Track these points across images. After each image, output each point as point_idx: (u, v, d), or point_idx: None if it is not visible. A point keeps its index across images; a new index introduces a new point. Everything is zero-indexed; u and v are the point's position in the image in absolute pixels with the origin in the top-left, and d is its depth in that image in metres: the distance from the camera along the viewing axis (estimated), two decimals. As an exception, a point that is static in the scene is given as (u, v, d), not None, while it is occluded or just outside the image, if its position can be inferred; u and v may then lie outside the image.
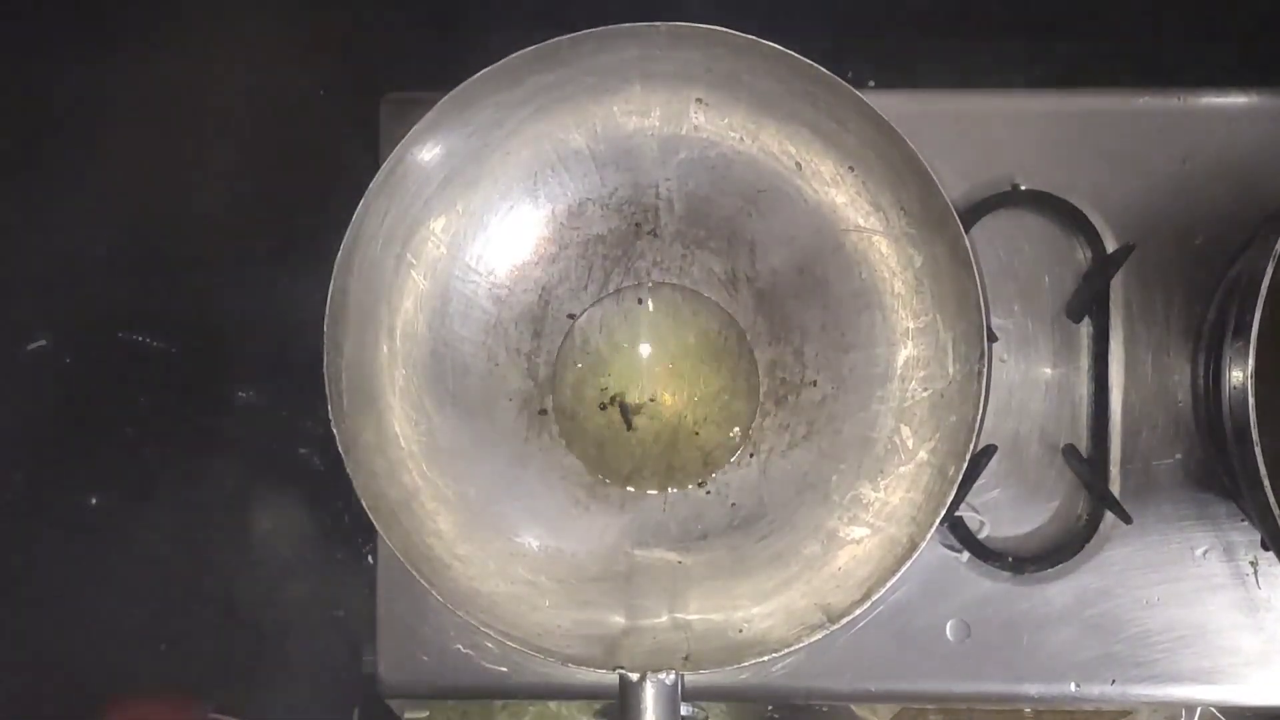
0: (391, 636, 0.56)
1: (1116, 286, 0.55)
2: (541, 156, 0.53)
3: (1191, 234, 0.55)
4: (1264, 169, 0.55)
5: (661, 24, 0.47)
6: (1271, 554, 0.51)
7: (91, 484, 0.62)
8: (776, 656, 0.49)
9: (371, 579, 0.56)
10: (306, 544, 0.62)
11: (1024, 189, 0.55)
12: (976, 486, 0.54)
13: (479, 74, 0.48)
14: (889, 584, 0.48)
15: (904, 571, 0.48)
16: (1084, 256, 0.55)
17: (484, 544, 0.52)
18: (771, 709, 0.60)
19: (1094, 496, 0.54)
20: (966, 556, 0.55)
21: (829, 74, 0.47)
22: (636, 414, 0.55)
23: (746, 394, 0.55)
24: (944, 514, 0.48)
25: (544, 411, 0.55)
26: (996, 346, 0.55)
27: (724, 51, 0.49)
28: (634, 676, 0.48)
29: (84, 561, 0.61)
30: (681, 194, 0.54)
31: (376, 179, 0.48)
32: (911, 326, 0.52)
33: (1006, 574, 0.54)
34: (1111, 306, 0.55)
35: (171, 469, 0.61)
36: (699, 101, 0.52)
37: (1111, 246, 0.55)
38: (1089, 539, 0.54)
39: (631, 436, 0.55)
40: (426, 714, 0.60)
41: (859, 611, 0.48)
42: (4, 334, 0.61)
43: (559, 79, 0.50)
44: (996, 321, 0.55)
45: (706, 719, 0.58)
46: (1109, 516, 0.54)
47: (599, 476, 0.55)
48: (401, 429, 0.52)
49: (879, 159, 0.50)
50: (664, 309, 0.55)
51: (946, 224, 0.48)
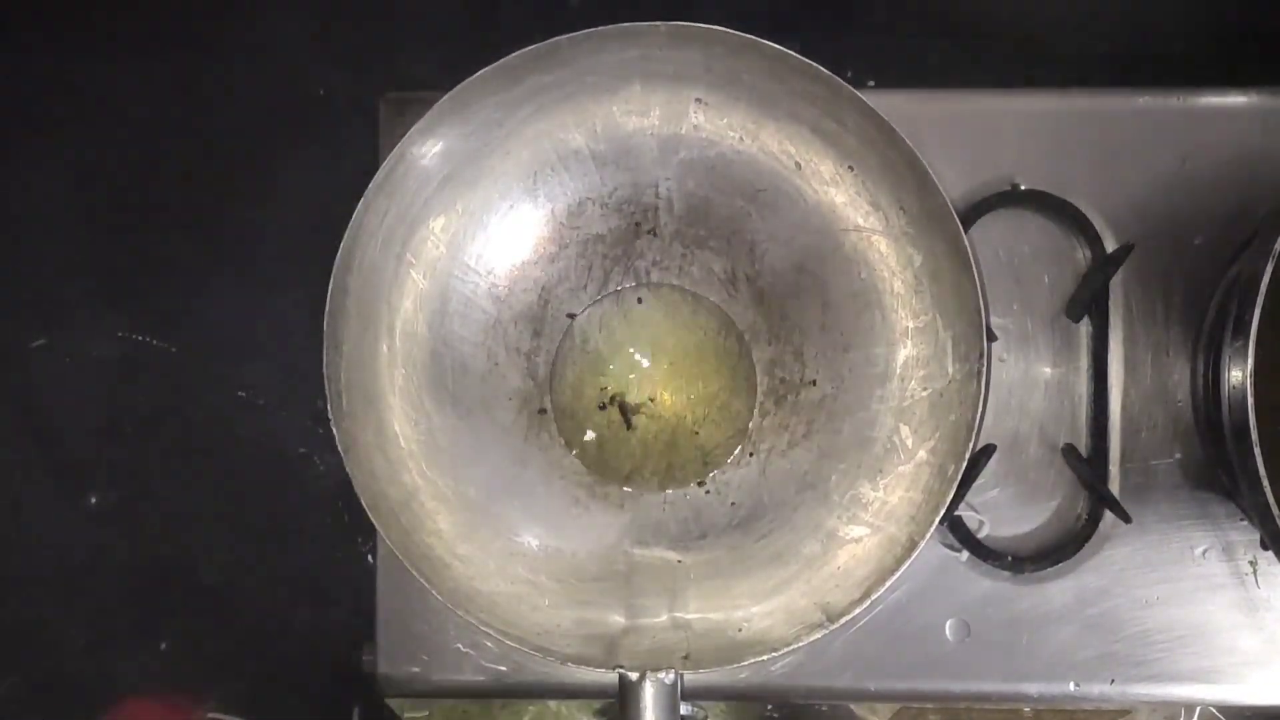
0: (391, 635, 0.56)
1: (1116, 286, 0.55)
2: (541, 156, 0.53)
3: (1191, 234, 0.55)
4: (1263, 169, 0.55)
5: (661, 24, 0.47)
6: (1271, 554, 0.51)
7: (91, 484, 0.62)
8: (776, 656, 0.49)
9: (371, 578, 0.56)
10: (306, 544, 0.62)
11: (1023, 189, 0.55)
12: (976, 486, 0.54)
13: (479, 74, 0.48)
14: (888, 583, 0.48)
15: (903, 571, 0.48)
16: (1084, 256, 0.55)
17: (484, 543, 0.52)
18: (771, 708, 0.60)
19: (1093, 496, 0.54)
20: (966, 556, 0.55)
21: (829, 74, 0.47)
22: (636, 413, 0.55)
23: (746, 393, 0.55)
24: (943, 513, 0.48)
25: (544, 411, 0.55)
26: (996, 346, 0.55)
27: (724, 51, 0.49)
28: (633, 676, 0.48)
29: (84, 561, 0.61)
30: (681, 193, 0.54)
31: (376, 178, 0.48)
32: (911, 326, 0.52)
33: (1006, 573, 0.54)
34: (1111, 306, 0.55)
35: (172, 468, 0.61)
36: (699, 101, 0.52)
37: (1111, 246, 0.55)
38: (1088, 538, 0.54)
39: (631, 436, 0.55)
40: (426, 713, 0.60)
41: (858, 611, 0.48)
42: (4, 334, 0.61)
43: (559, 79, 0.50)
44: (996, 321, 0.55)
45: (706, 718, 0.58)
46: (1108, 516, 0.54)
47: (598, 476, 0.55)
48: (401, 428, 0.52)
49: (879, 159, 0.50)
50: (664, 308, 0.55)
51: (946, 223, 0.48)
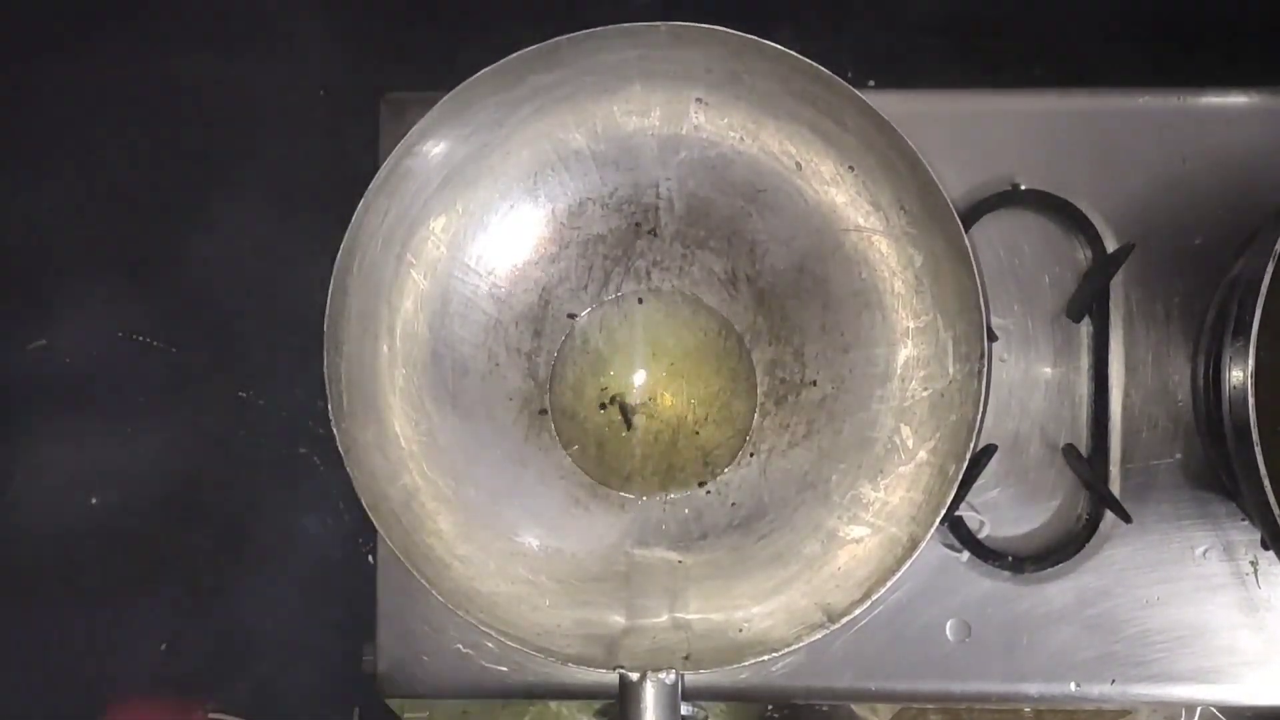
0: (392, 636, 0.56)
1: (1116, 286, 0.55)
2: (541, 156, 0.53)
3: (1191, 233, 0.55)
4: (1264, 168, 0.55)
5: (661, 24, 0.47)
6: (1271, 554, 0.51)
7: (91, 484, 0.62)
8: (776, 656, 0.49)
9: (371, 579, 0.56)
10: (306, 544, 0.62)
11: (1024, 188, 0.55)
12: (976, 486, 0.54)
13: (479, 74, 0.48)
14: (889, 583, 0.48)
15: (904, 571, 0.48)
16: (1084, 256, 0.55)
17: (484, 544, 0.52)
18: (771, 708, 0.60)
19: (1094, 496, 0.54)
20: (966, 556, 0.55)
21: (829, 74, 0.47)
22: (636, 414, 0.55)
23: (746, 394, 0.55)
24: (944, 513, 0.48)
25: (544, 411, 0.55)
26: (996, 346, 0.55)
27: (724, 51, 0.49)
28: (634, 676, 0.48)
29: (84, 561, 0.61)
30: (681, 194, 0.54)
31: (376, 179, 0.48)
32: (911, 326, 0.52)
33: (1006, 573, 0.54)
34: (1111, 306, 0.55)
35: (172, 468, 0.61)
36: (699, 101, 0.52)
37: (1112, 246, 0.55)
38: (1089, 538, 0.54)
39: (631, 436, 0.55)
40: (426, 713, 0.60)
41: (859, 611, 0.48)
42: (4, 334, 0.61)
43: (559, 79, 0.50)
44: (996, 321, 0.55)
45: (707, 718, 0.58)
46: (1109, 516, 0.54)
47: (599, 476, 0.55)
48: (401, 429, 0.52)
49: (879, 159, 0.50)
50: (664, 309, 0.55)
51: (947, 223, 0.48)
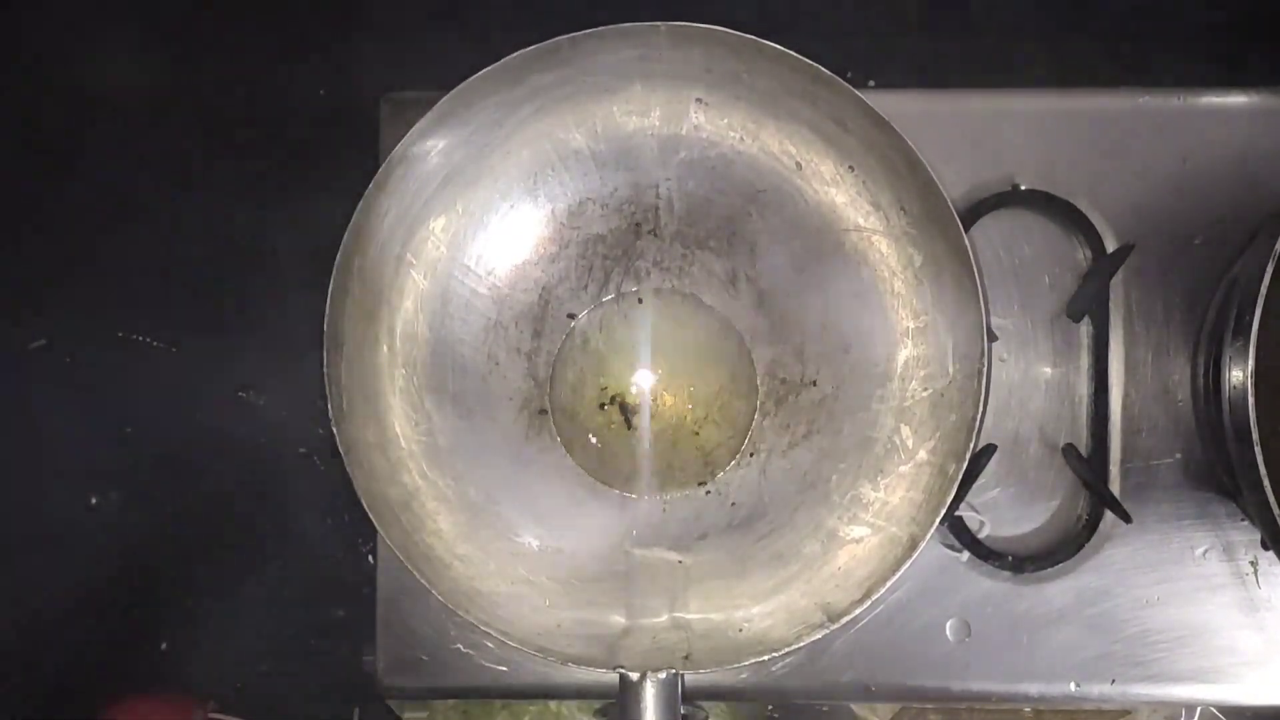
0: (391, 636, 0.56)
1: (1116, 286, 0.55)
2: (541, 156, 0.53)
3: (1191, 234, 0.55)
4: (1264, 169, 0.55)
5: (661, 24, 0.47)
6: (1271, 554, 0.51)
7: (91, 484, 0.62)
8: (776, 656, 0.49)
9: (371, 579, 0.56)
10: (307, 544, 0.62)
11: (1024, 189, 0.55)
12: (976, 486, 0.54)
13: (479, 74, 0.47)
14: (889, 583, 0.48)
15: (904, 571, 0.48)
16: (1084, 256, 0.55)
17: (484, 544, 0.52)
18: (771, 708, 0.60)
19: (1094, 496, 0.54)
20: (966, 556, 0.55)
21: (829, 74, 0.47)
22: (636, 414, 0.55)
23: (746, 394, 0.55)
24: (944, 513, 0.48)
25: (544, 411, 0.55)
26: (996, 346, 0.55)
27: (724, 51, 0.48)
28: (634, 676, 0.48)
29: (84, 561, 0.61)
30: (681, 194, 0.54)
31: (376, 179, 0.48)
32: (911, 326, 0.52)
33: (1006, 573, 0.54)
34: (1111, 306, 0.55)
35: (172, 468, 0.61)
36: (699, 101, 0.52)
37: (1111, 246, 0.55)
38: (1089, 539, 0.54)
39: (631, 436, 0.55)
40: (426, 713, 0.60)
41: (859, 611, 0.48)
42: (4, 334, 0.61)
43: (559, 79, 0.50)
44: (996, 321, 0.55)
45: (707, 718, 0.58)
46: (1109, 516, 0.54)
47: (599, 476, 0.55)
48: (401, 429, 0.52)
49: (879, 159, 0.50)
50: (664, 309, 0.55)
51: (947, 223, 0.48)
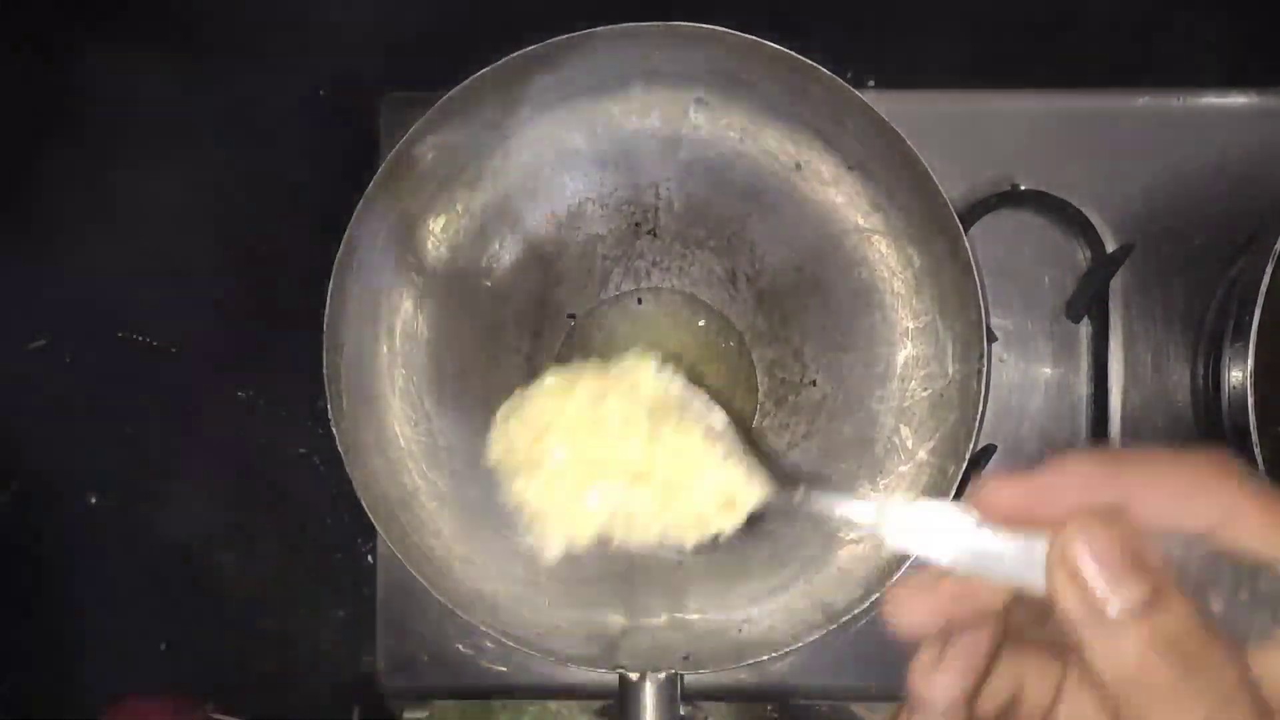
0: (391, 636, 0.56)
1: (1116, 286, 0.55)
2: (541, 156, 0.53)
3: (1191, 234, 0.55)
4: (1264, 170, 0.55)
5: (662, 24, 0.47)
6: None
7: (91, 484, 0.62)
8: (776, 656, 0.49)
9: (371, 579, 0.56)
10: (306, 544, 0.62)
11: (1024, 189, 0.55)
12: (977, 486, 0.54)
13: (479, 74, 0.47)
14: (889, 583, 0.48)
15: (904, 571, 0.48)
16: (1084, 256, 0.55)
17: (484, 544, 0.52)
18: (771, 708, 0.60)
19: (1094, 496, 0.54)
20: (966, 556, 0.55)
21: (829, 74, 0.47)
22: (636, 414, 0.54)
23: (746, 393, 0.55)
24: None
25: (544, 411, 0.55)
26: (996, 346, 0.55)
27: (724, 52, 0.48)
28: (634, 676, 0.48)
29: (84, 561, 0.61)
30: (681, 194, 0.54)
31: (376, 178, 0.48)
32: (911, 326, 0.52)
33: (1006, 574, 0.54)
34: (1111, 306, 0.55)
35: (172, 468, 0.61)
36: (699, 102, 0.52)
37: (1111, 246, 0.55)
38: (1089, 539, 0.54)
39: (631, 436, 0.55)
40: (426, 714, 0.60)
41: (858, 611, 0.48)
42: (4, 334, 0.61)
43: (559, 79, 0.50)
44: (996, 321, 0.55)
45: (706, 719, 0.58)
46: (1109, 516, 0.54)
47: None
48: (401, 429, 0.52)
49: (879, 159, 0.50)
50: (664, 308, 0.55)
51: (946, 224, 0.48)
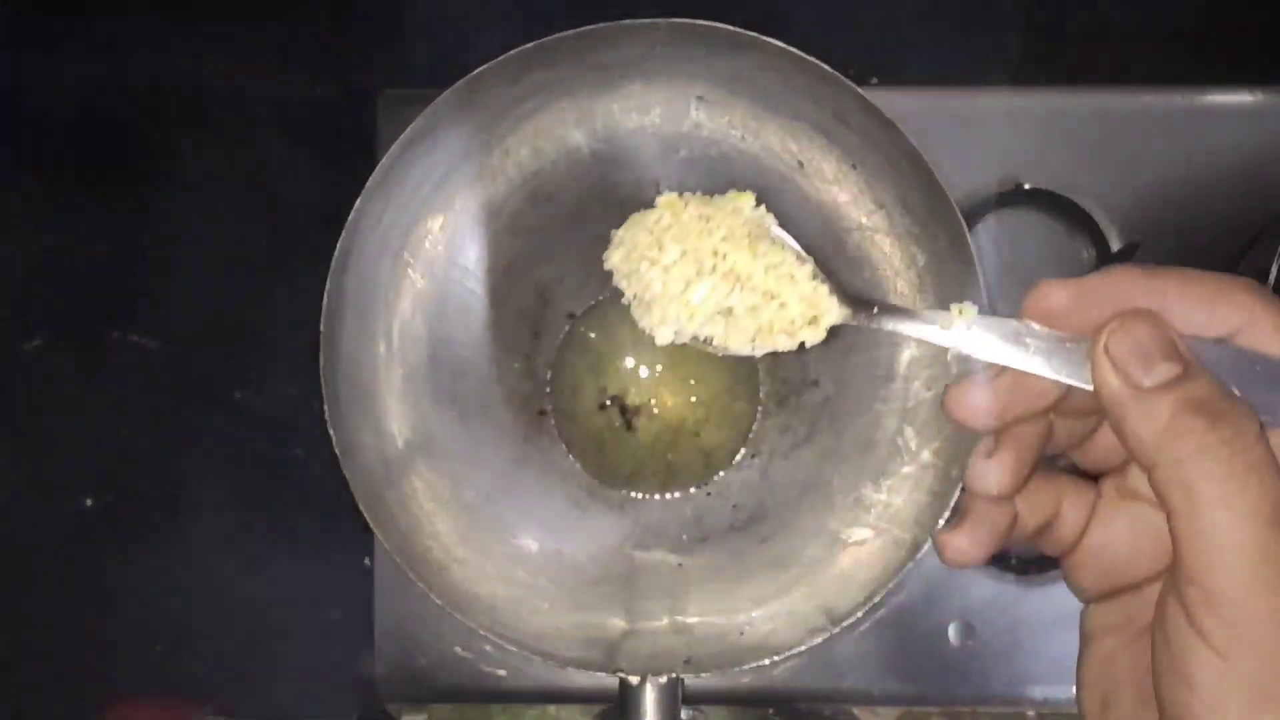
0: (389, 640, 0.56)
1: (1121, 286, 0.54)
2: (541, 154, 0.52)
3: (1196, 233, 0.55)
4: (1269, 168, 0.55)
5: (662, 20, 0.47)
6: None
7: (88, 485, 0.61)
8: (778, 660, 0.48)
9: (369, 582, 0.56)
10: (303, 546, 0.61)
11: (1028, 187, 0.55)
12: (980, 488, 0.54)
13: (477, 71, 0.47)
14: (891, 586, 0.48)
15: (907, 574, 0.48)
16: (1088, 255, 0.55)
17: (482, 546, 0.52)
18: (773, 712, 0.60)
19: (1098, 498, 0.54)
20: (970, 558, 0.54)
21: (831, 71, 0.47)
22: (637, 415, 0.54)
23: (748, 395, 0.54)
24: (948, 515, 0.48)
25: (543, 412, 0.54)
26: (1000, 346, 0.55)
27: (725, 48, 0.48)
28: (634, 680, 0.47)
29: (81, 562, 0.61)
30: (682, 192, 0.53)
31: (374, 177, 0.48)
32: (914, 326, 0.52)
33: (1010, 576, 0.54)
34: (1116, 306, 0.54)
35: (168, 470, 0.61)
36: (700, 99, 0.52)
37: (1116, 245, 0.54)
38: (1093, 541, 0.54)
39: (631, 438, 0.54)
40: (424, 717, 0.60)
41: (861, 614, 0.48)
42: (2, 334, 0.61)
43: (558, 76, 0.50)
44: (1000, 321, 0.55)
45: (707, 722, 0.57)
46: (1114, 518, 0.53)
47: (598, 478, 0.54)
48: (399, 429, 0.52)
49: (882, 157, 0.50)
50: (664, 309, 0.54)
51: (950, 222, 0.48)
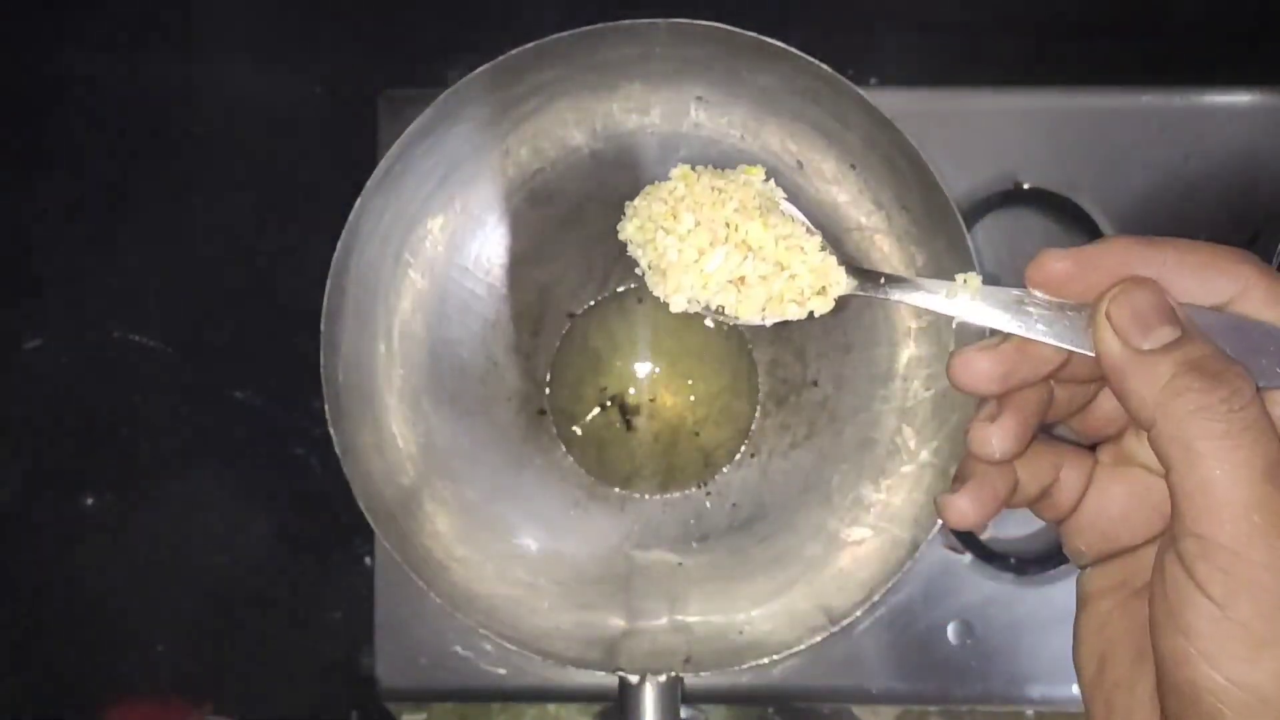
0: (389, 639, 0.56)
1: (1119, 286, 0.54)
2: (541, 154, 0.52)
3: (1195, 233, 0.54)
4: (1266, 168, 0.55)
5: (662, 21, 0.47)
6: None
7: (88, 484, 0.61)
8: (777, 659, 0.48)
9: (369, 581, 0.56)
10: (304, 546, 0.61)
11: (1026, 187, 0.55)
12: (979, 487, 0.54)
13: (478, 71, 0.47)
14: (890, 585, 0.48)
15: (906, 573, 0.48)
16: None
17: (482, 545, 0.52)
18: (772, 711, 0.60)
19: (1097, 497, 0.54)
20: (969, 558, 0.54)
21: (830, 71, 0.47)
22: (636, 414, 0.54)
23: (747, 394, 0.54)
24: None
25: (543, 412, 0.55)
26: (999, 346, 0.55)
27: (725, 49, 0.48)
28: (634, 679, 0.48)
29: (81, 562, 0.61)
30: (682, 192, 0.53)
31: (374, 177, 0.48)
32: (913, 326, 0.52)
33: (1009, 575, 0.54)
34: (1114, 306, 0.54)
35: (168, 469, 0.61)
36: (699, 99, 0.52)
37: (1114, 245, 0.54)
38: (1092, 540, 0.54)
39: (631, 437, 0.54)
40: (424, 716, 0.60)
41: (860, 613, 0.48)
42: (2, 334, 0.61)
43: (558, 76, 0.50)
44: (999, 321, 0.55)
45: (707, 721, 0.57)
46: (1112, 517, 0.53)
47: (598, 477, 0.54)
48: (399, 430, 0.52)
49: (881, 157, 0.50)
50: (664, 308, 0.54)
51: (949, 222, 0.48)
